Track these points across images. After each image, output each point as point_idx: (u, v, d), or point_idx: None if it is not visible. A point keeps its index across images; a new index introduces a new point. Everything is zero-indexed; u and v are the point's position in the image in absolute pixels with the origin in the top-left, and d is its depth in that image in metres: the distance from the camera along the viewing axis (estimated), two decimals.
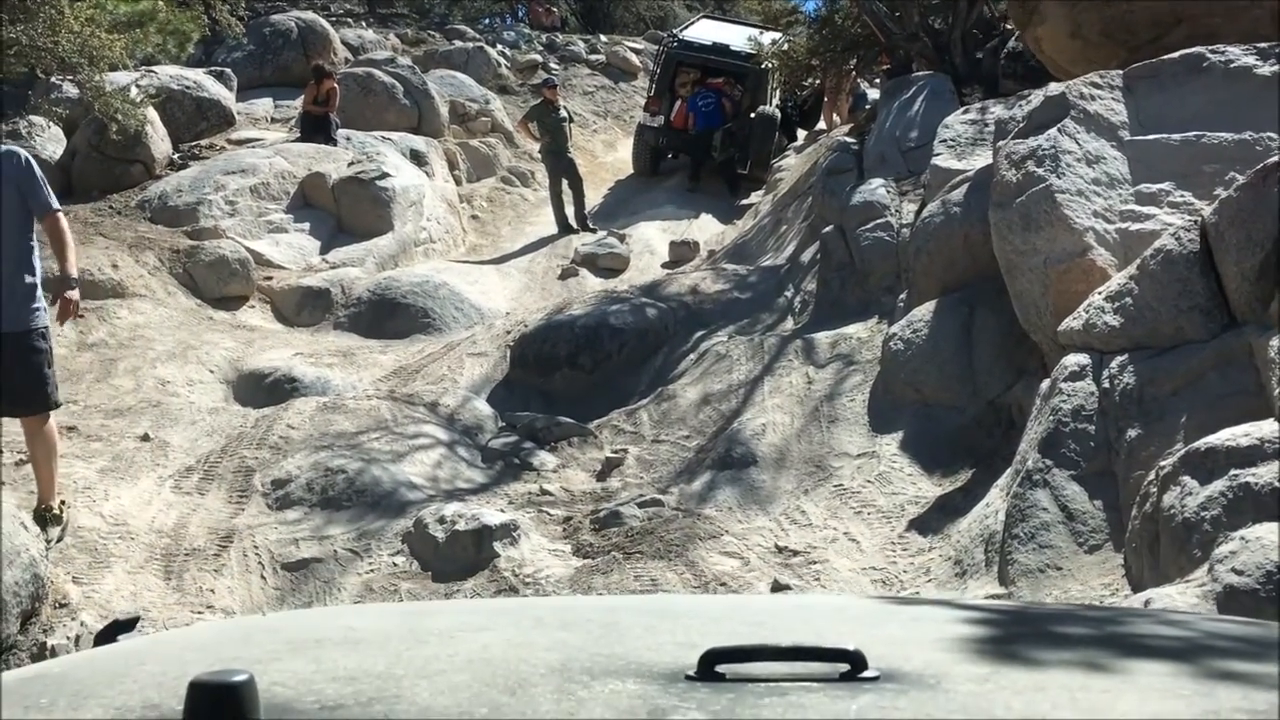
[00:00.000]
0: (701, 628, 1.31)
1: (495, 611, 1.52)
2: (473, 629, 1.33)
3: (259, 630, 1.45)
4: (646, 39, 23.67)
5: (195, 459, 6.74)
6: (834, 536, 5.53)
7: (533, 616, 1.43)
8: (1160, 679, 1.11)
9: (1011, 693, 1.05)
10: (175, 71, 14.47)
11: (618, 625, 1.34)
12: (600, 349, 8.54)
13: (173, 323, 9.69)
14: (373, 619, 1.49)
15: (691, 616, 1.45)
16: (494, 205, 15.29)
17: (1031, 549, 4.34)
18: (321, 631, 1.35)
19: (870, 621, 1.45)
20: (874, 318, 7.73)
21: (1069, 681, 1.09)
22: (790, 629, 1.38)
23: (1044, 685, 1.08)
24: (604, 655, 1.17)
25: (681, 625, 1.34)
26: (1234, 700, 1.03)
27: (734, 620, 1.46)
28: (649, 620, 1.39)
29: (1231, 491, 3.56)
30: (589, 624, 1.35)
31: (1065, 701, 1.03)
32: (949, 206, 7.05)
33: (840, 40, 12.75)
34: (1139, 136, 5.90)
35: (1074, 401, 4.63)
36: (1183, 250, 4.60)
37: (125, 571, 5.35)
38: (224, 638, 1.45)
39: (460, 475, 6.78)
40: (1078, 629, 1.43)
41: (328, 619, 1.57)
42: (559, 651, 1.18)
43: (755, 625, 1.41)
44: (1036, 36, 7.50)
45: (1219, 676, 1.12)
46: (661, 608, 1.62)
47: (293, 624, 1.50)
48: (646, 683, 1.07)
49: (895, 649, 1.18)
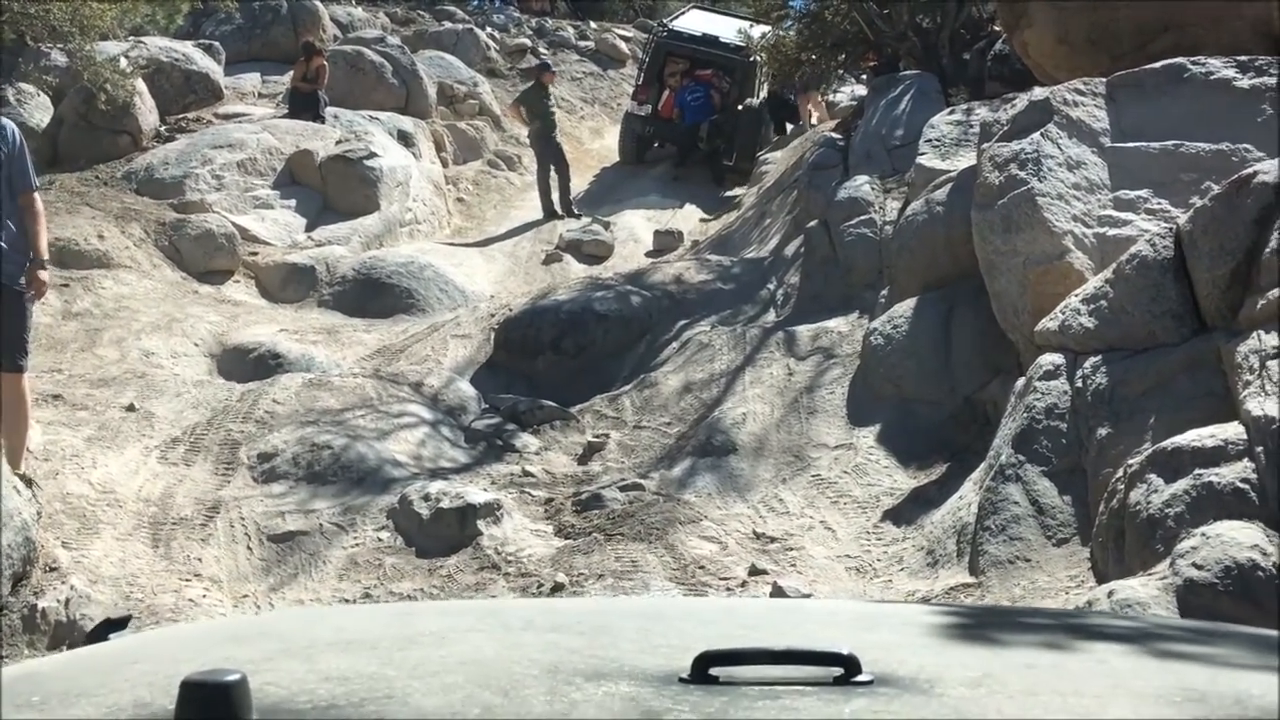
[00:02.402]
0: (695, 630, 1.31)
1: (487, 613, 1.53)
2: (464, 630, 1.33)
3: (251, 630, 1.45)
4: (636, 27, 23.71)
5: (181, 430, 6.81)
6: (810, 525, 5.66)
7: (524, 618, 1.43)
8: (1153, 684, 1.11)
9: (1005, 697, 1.05)
10: (164, 43, 14.44)
11: (610, 628, 1.34)
12: (584, 334, 8.64)
13: (157, 295, 9.73)
14: (364, 620, 1.50)
15: (684, 619, 1.46)
16: (480, 188, 15.34)
17: (1002, 541, 4.49)
18: (313, 632, 1.36)
19: (864, 625, 1.44)
20: (855, 312, 7.86)
21: (1062, 686, 1.09)
22: (784, 632, 1.38)
23: (1037, 690, 1.08)
24: (596, 657, 1.16)
25: (674, 628, 1.35)
26: (1226, 706, 1.03)
27: (727, 623, 1.46)
28: (642, 622, 1.40)
29: (1195, 490, 3.71)
30: (581, 626, 1.36)
31: (1058, 706, 1.03)
32: (932, 206, 7.18)
33: (829, 35, 12.85)
34: (1119, 143, 6.04)
35: (1048, 400, 4.78)
36: (1157, 256, 4.74)
37: (114, 538, 5.43)
38: (216, 637, 1.45)
39: (444, 455, 6.88)
40: (1073, 634, 1.42)
41: (319, 619, 1.57)
42: (551, 653, 1.18)
43: (749, 628, 1.40)
44: (1024, 40, 7.63)
45: (1213, 683, 1.12)
46: (654, 610, 1.63)
47: (285, 624, 1.52)
48: (639, 685, 1.06)
49: (889, 653, 1.18)
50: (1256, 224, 4.39)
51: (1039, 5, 7.17)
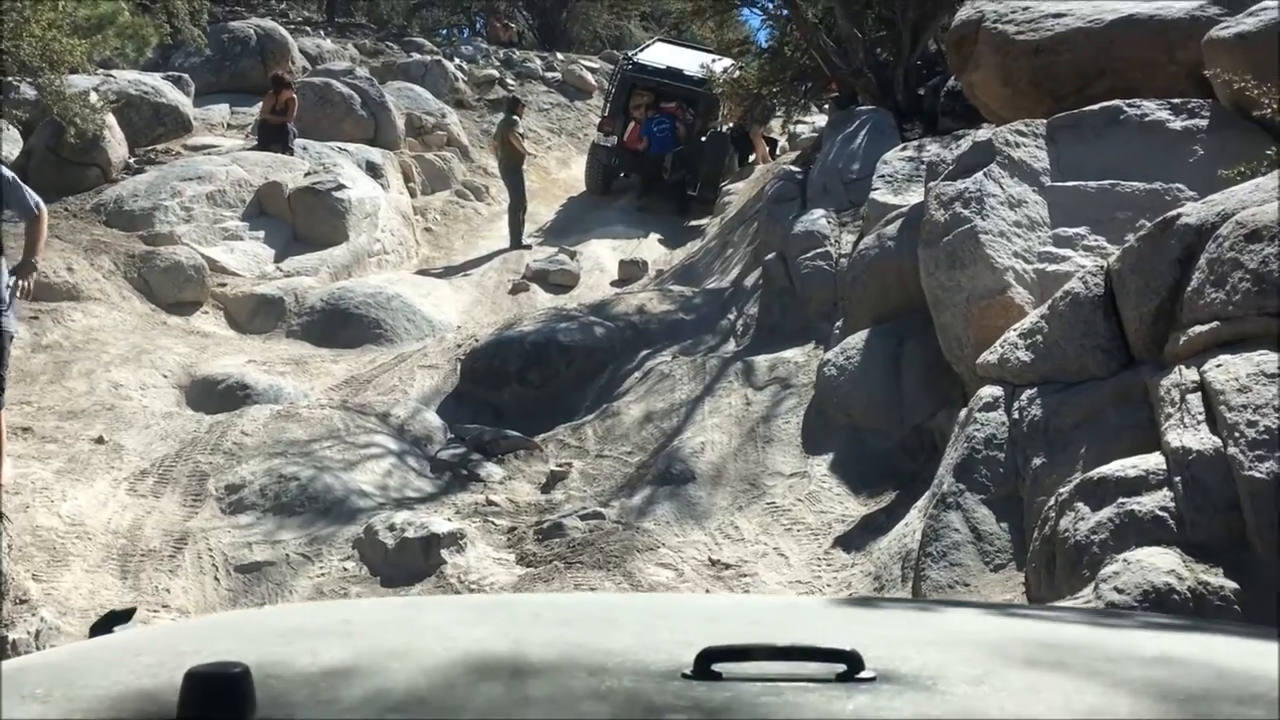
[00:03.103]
0: (698, 626, 1.33)
1: (492, 607, 1.57)
2: (469, 625, 1.34)
3: (255, 622, 1.49)
4: (603, 58, 24.03)
5: (150, 462, 6.93)
6: (764, 551, 5.85)
7: (530, 613, 1.44)
8: (1155, 682, 1.12)
9: (1007, 694, 1.06)
10: (133, 76, 14.56)
11: (615, 623, 1.35)
12: (549, 365, 8.82)
13: (127, 327, 9.83)
14: (369, 613, 1.53)
15: (688, 615, 1.49)
16: (448, 218, 15.52)
17: (943, 566, 4.69)
18: (318, 625, 1.37)
19: (867, 622, 1.46)
20: (811, 343, 8.09)
21: (1064, 684, 1.10)
22: (787, 629, 1.39)
23: (1039, 687, 1.09)
24: (601, 652, 1.17)
25: (678, 624, 1.36)
26: (1228, 706, 1.04)
27: (731, 619, 1.48)
28: (646, 618, 1.41)
29: (1118, 518, 3.93)
30: (586, 621, 1.37)
31: (1060, 704, 1.03)
32: (884, 240, 7.43)
33: (789, 70, 13.17)
34: (1059, 182, 6.31)
35: (987, 430, 4.99)
36: (1089, 293, 4.97)
37: (83, 570, 5.55)
38: (220, 629, 1.47)
39: (409, 485, 7.03)
40: (1073, 632, 1.44)
41: (324, 613, 1.59)
42: (556, 648, 1.19)
43: (752, 624, 1.42)
44: (971, 81, 7.91)
45: (1212, 681, 1.13)
46: (658, 606, 1.66)
47: (289, 617, 1.56)
48: (643, 681, 1.06)
49: (892, 650, 1.19)
50: (1180, 263, 4.63)
51: (984, 49, 7.46)
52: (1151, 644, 1.35)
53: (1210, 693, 1.08)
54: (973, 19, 7.69)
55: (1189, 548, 3.76)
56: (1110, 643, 1.35)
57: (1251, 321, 4.18)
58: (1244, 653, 1.31)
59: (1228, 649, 1.35)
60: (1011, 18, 7.50)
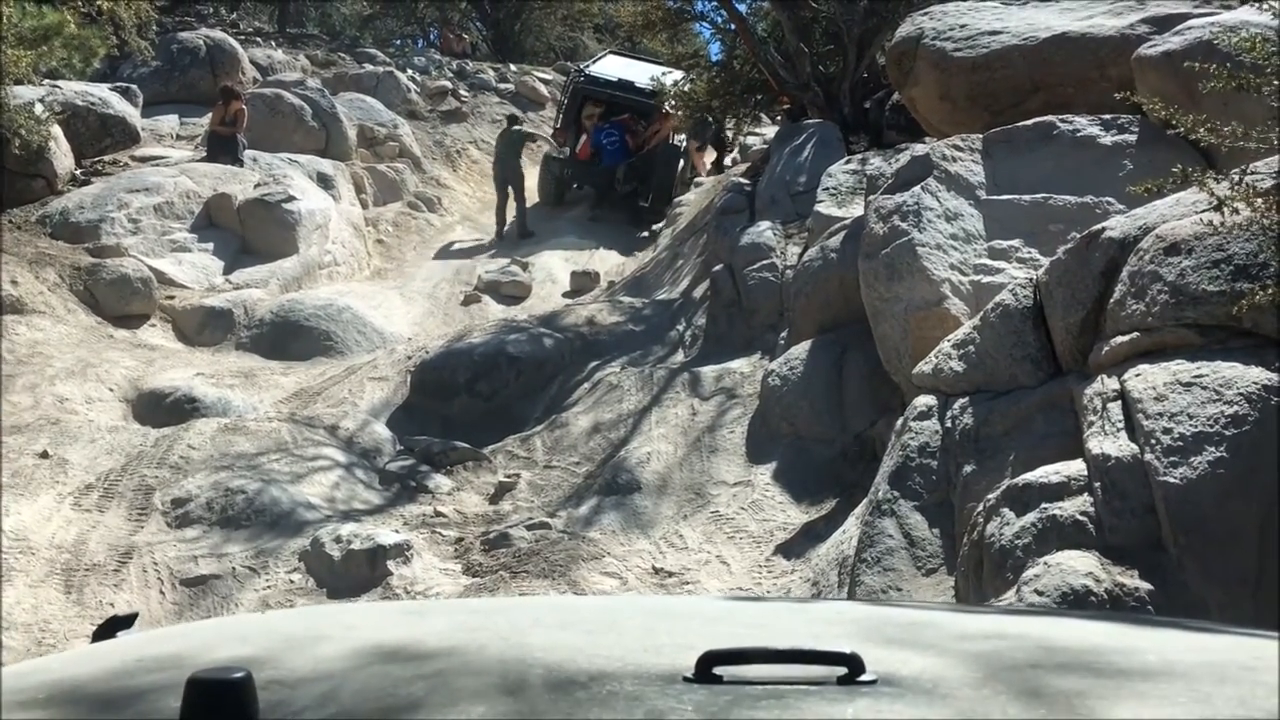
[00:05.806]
0: (699, 629, 1.33)
1: (493, 611, 1.56)
2: (471, 629, 1.33)
3: (257, 628, 1.48)
4: (555, 69, 24.11)
5: (95, 477, 6.90)
6: (707, 559, 5.95)
7: (531, 617, 1.44)
8: (1156, 685, 1.11)
9: (1008, 698, 1.05)
10: (80, 87, 14.44)
11: (615, 626, 1.35)
12: (498, 377, 8.88)
13: (72, 340, 9.77)
14: (371, 618, 1.54)
15: (689, 618, 1.49)
16: (399, 230, 15.52)
17: (877, 571, 4.80)
18: (319, 629, 1.37)
19: (868, 626, 1.44)
20: (758, 354, 8.20)
21: (1065, 687, 1.09)
22: (788, 632, 1.39)
23: (1040, 691, 1.08)
24: (601, 656, 1.16)
25: (679, 627, 1.36)
26: (1230, 707, 1.04)
27: (731, 622, 1.48)
28: (646, 621, 1.41)
29: (1041, 523, 4.06)
30: (587, 625, 1.37)
31: (1062, 707, 1.03)
32: (827, 252, 7.56)
33: (739, 84, 13.32)
34: (994, 196, 6.47)
35: (920, 439, 5.12)
36: (1019, 305, 5.12)
37: (26, 585, 5.53)
38: (222, 635, 1.47)
39: (357, 496, 7.06)
40: (1073, 632, 1.44)
41: (326, 618, 1.59)
42: (557, 652, 1.18)
43: (753, 628, 1.41)
44: (911, 97, 8.08)
45: (1217, 683, 1.12)
46: (659, 609, 1.67)
47: (290, 622, 1.55)
48: (643, 684, 1.06)
49: (892, 653, 1.18)
50: (1103, 276, 4.78)
51: (924, 66, 7.62)
52: (1153, 646, 1.34)
53: (1213, 695, 1.07)
54: (912, 36, 7.87)
55: (1107, 551, 3.89)
56: (1112, 644, 1.34)
57: (1169, 332, 4.34)
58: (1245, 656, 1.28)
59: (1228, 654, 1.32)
60: (950, 35, 7.68)
